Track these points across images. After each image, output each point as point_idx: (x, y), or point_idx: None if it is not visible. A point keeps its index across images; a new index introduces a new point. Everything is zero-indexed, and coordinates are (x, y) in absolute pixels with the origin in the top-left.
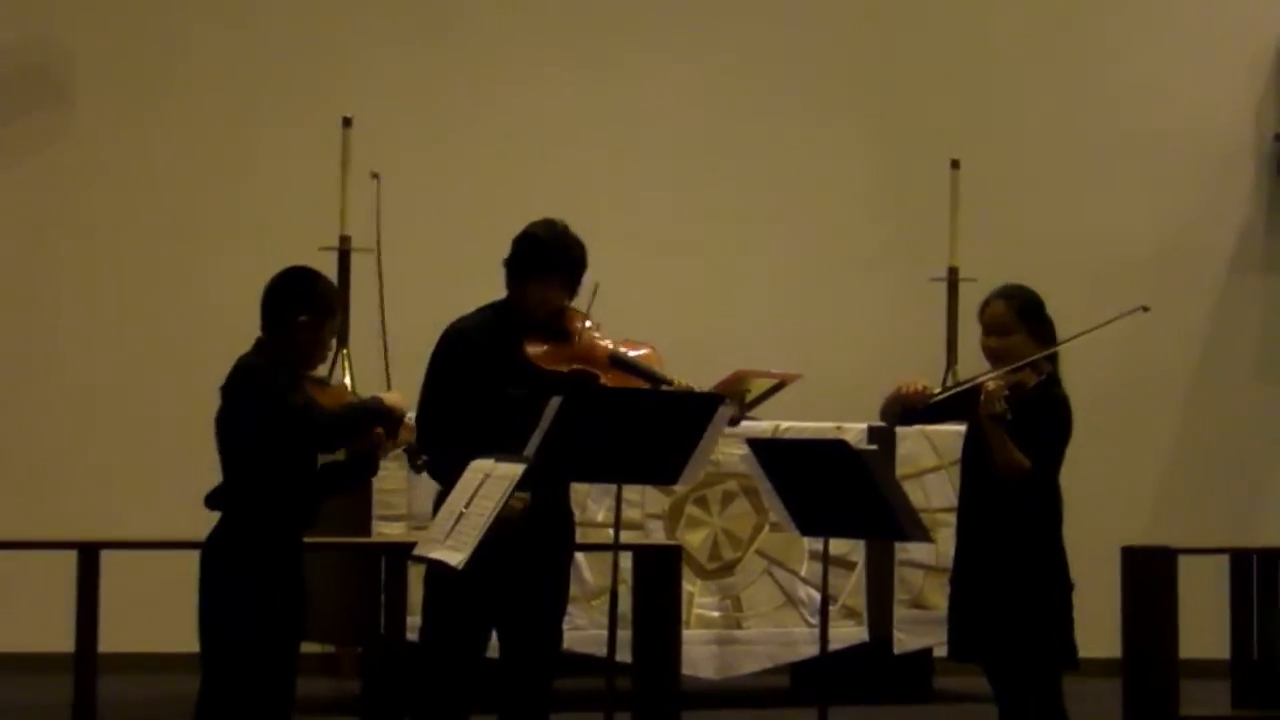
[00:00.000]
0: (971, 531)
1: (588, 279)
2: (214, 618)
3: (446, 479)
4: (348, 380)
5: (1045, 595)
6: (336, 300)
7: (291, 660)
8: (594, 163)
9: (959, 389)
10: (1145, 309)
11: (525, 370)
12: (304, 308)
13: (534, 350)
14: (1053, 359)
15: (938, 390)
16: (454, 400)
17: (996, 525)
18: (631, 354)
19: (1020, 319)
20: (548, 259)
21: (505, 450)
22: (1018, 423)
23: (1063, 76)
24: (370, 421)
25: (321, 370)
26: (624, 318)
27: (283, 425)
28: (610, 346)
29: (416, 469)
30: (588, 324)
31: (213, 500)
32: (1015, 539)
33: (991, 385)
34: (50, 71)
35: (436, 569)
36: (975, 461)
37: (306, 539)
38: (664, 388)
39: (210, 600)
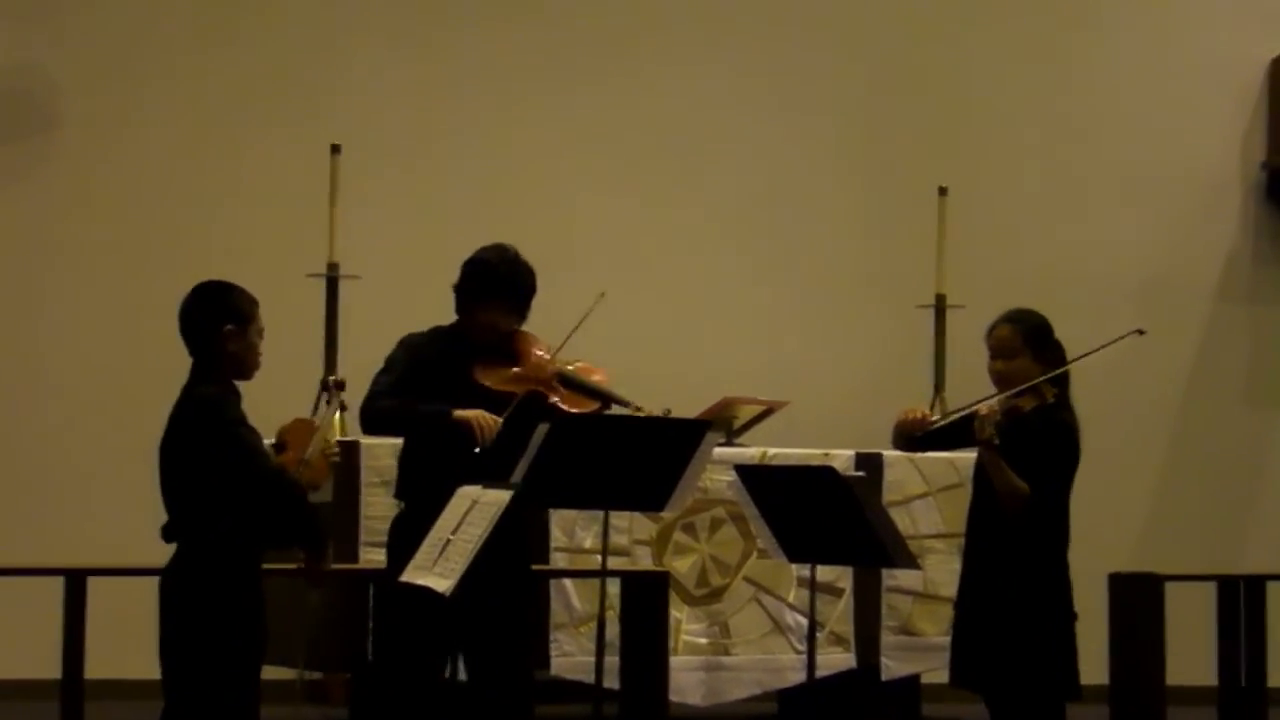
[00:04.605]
0: (977, 556)
1: (541, 302)
2: (176, 647)
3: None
4: (336, 415)
5: (1047, 625)
6: (252, 304)
7: (256, 684)
8: (581, 190)
9: (957, 415)
10: (1141, 332)
11: (476, 393)
12: (225, 318)
13: (484, 373)
14: (1061, 383)
15: (937, 418)
16: (403, 374)
17: (1001, 552)
18: (583, 376)
19: (1025, 343)
20: (498, 286)
21: (456, 472)
22: (1019, 448)
23: (1050, 104)
24: (310, 523)
25: (304, 396)
26: (611, 344)
27: (247, 484)
28: (559, 367)
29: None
30: (537, 348)
31: (168, 533)
32: (1018, 566)
33: (984, 410)
34: (36, 97)
35: (386, 589)
36: (981, 487)
37: (285, 565)
38: (616, 407)
39: (172, 630)
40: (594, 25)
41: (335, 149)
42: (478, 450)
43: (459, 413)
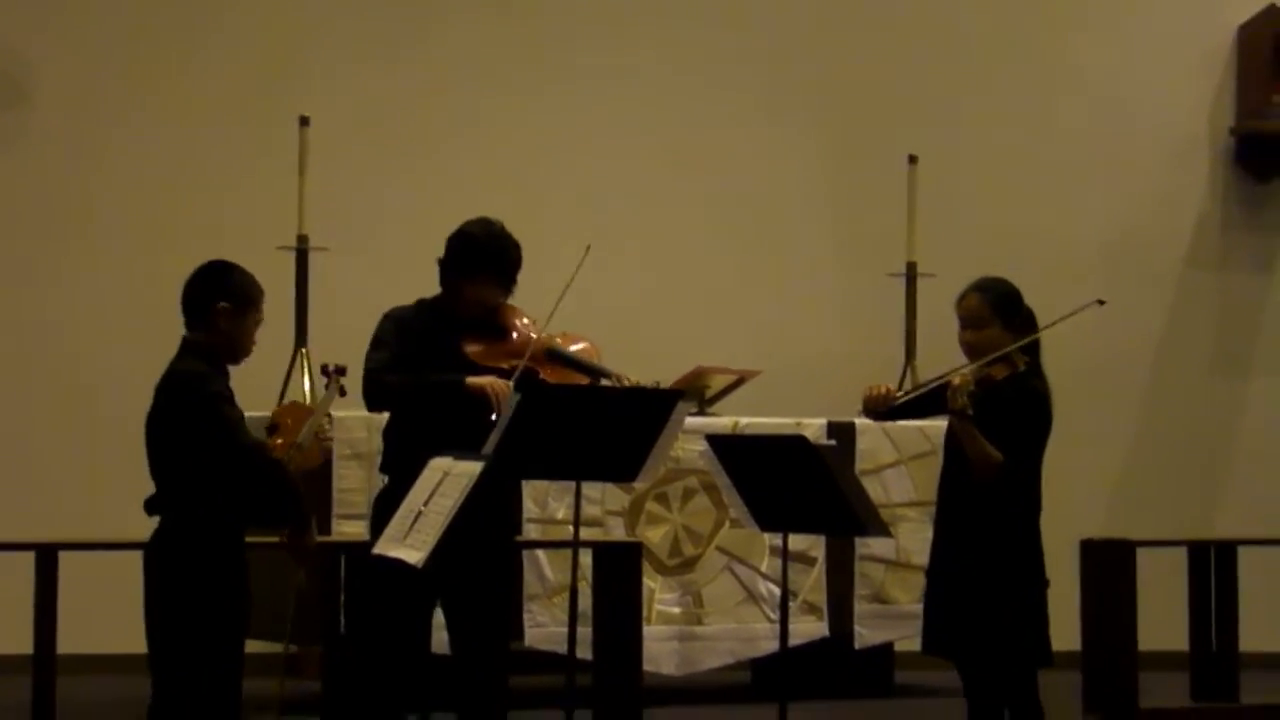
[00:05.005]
0: (949, 525)
1: (528, 275)
2: (161, 619)
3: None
4: (306, 382)
5: (1019, 592)
6: (256, 290)
7: (240, 657)
8: (550, 161)
9: (926, 388)
10: (1101, 302)
11: (465, 368)
12: (222, 296)
13: (473, 348)
14: (1033, 350)
15: (900, 394)
16: (394, 353)
17: (972, 519)
18: (570, 349)
19: (995, 312)
20: (485, 260)
21: (443, 444)
22: (991, 416)
23: (1020, 71)
24: (292, 499)
25: (275, 368)
26: (583, 314)
27: (228, 459)
28: (547, 341)
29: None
30: (524, 320)
31: (152, 506)
32: (990, 534)
33: (957, 381)
34: (9, 73)
35: (360, 561)
36: (953, 456)
37: (268, 539)
38: (604, 381)
39: (156, 602)
40: None
41: (304, 121)
42: (495, 417)
43: (473, 380)
